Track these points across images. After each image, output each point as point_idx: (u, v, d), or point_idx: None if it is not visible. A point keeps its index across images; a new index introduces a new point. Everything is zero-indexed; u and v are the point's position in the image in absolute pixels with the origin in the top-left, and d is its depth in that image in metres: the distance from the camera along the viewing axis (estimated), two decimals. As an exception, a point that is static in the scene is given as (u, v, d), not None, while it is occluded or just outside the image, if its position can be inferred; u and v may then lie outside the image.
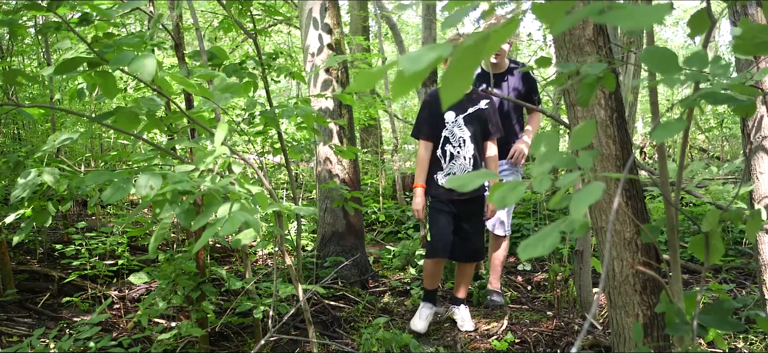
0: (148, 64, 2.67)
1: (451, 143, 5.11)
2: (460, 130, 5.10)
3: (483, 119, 5.16)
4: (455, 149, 5.11)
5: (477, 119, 5.14)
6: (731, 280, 6.27)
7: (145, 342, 4.72)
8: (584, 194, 1.41)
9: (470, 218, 5.20)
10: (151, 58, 2.69)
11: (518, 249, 1.46)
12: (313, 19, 6.57)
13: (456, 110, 5.10)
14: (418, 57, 1.02)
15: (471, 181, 1.69)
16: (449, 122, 5.11)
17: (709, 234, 2.04)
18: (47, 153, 3.42)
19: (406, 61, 1.01)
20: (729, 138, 14.05)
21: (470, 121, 5.11)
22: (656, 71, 1.71)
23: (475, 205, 5.22)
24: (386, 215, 10.21)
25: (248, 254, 4.60)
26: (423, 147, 5.21)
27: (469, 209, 5.18)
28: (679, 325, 1.97)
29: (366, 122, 12.03)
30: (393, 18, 15.78)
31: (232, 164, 3.17)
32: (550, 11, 1.19)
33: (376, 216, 10.13)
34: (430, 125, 5.17)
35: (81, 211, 8.94)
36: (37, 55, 9.07)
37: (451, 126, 5.11)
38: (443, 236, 5.10)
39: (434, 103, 5.20)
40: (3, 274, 5.81)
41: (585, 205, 1.39)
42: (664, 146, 2.10)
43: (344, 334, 5.06)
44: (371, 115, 11.63)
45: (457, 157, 5.10)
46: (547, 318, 5.38)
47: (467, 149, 5.09)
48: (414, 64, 1.01)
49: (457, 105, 5.10)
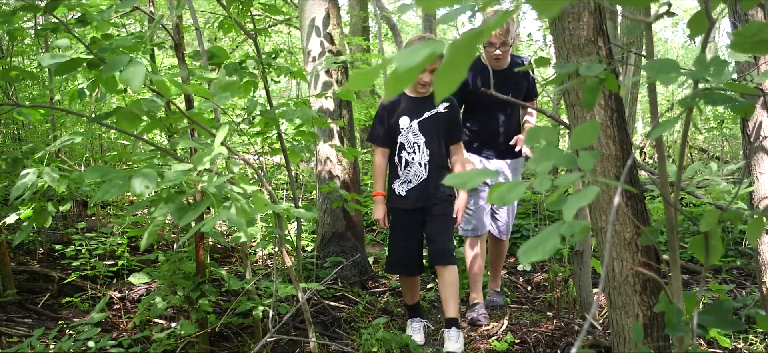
0: (137, 73, 2.67)
1: (406, 149, 4.91)
2: (414, 136, 4.88)
3: (441, 122, 4.93)
4: (410, 155, 4.90)
5: (434, 124, 4.90)
6: (731, 280, 6.27)
7: (145, 342, 4.71)
8: (578, 196, 1.42)
9: (434, 220, 4.94)
10: (141, 66, 2.69)
11: (518, 252, 1.46)
12: (316, 28, 6.57)
13: (411, 115, 4.90)
14: (412, 54, 1.02)
15: (472, 179, 1.69)
16: (404, 128, 4.90)
17: (708, 234, 2.03)
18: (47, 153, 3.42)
19: (400, 58, 1.02)
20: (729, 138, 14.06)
21: (426, 126, 4.88)
22: (659, 81, 1.71)
23: (439, 206, 4.95)
24: (386, 216, 10.20)
25: (248, 255, 4.60)
26: (378, 154, 5.05)
27: (432, 212, 4.94)
28: (678, 325, 1.97)
29: (366, 122, 12.04)
30: (393, 18, 15.78)
31: (231, 164, 3.17)
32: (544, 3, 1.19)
33: (376, 216, 10.13)
34: (384, 130, 4.98)
35: (81, 211, 8.93)
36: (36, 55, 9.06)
37: (406, 132, 4.89)
38: (400, 251, 4.99)
39: (389, 108, 4.97)
40: (3, 274, 5.81)
41: (577, 207, 1.40)
42: (664, 146, 2.10)
43: (344, 334, 5.07)
44: (372, 115, 11.64)
45: (411, 163, 4.90)
46: (547, 319, 5.38)
47: (422, 155, 4.88)
48: (407, 61, 1.01)
49: (412, 109, 4.91)
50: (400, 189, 4.94)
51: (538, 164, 1.72)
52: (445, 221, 4.95)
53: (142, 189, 2.59)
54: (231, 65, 3.96)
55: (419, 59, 1.01)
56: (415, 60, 1.01)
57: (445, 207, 4.94)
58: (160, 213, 2.79)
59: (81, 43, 2.95)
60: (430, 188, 4.90)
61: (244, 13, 4.40)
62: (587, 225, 1.56)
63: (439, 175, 4.90)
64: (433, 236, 4.93)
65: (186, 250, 4.60)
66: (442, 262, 4.88)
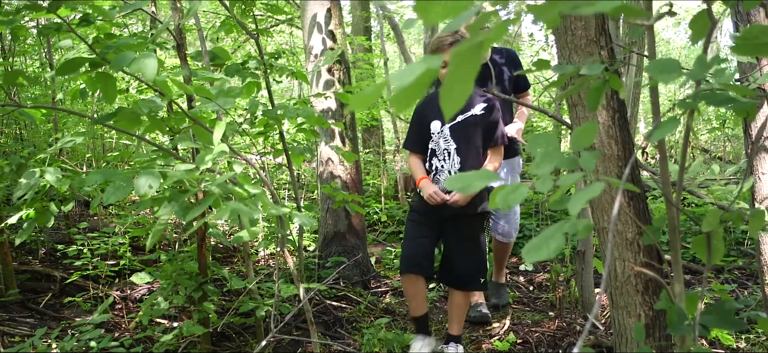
0: (150, 63, 2.68)
1: (437, 155, 4.51)
2: (445, 142, 4.48)
3: (476, 127, 4.46)
4: (440, 162, 4.50)
5: (468, 128, 4.47)
6: (733, 280, 6.27)
7: (147, 342, 4.72)
8: (583, 192, 1.42)
9: (459, 238, 4.54)
10: (153, 58, 2.70)
11: (522, 252, 1.46)
12: (318, 24, 6.58)
13: (442, 118, 4.48)
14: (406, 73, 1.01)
15: (470, 182, 1.68)
16: (435, 133, 4.51)
17: (710, 234, 2.04)
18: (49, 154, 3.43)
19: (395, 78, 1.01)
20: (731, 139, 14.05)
21: (459, 131, 4.46)
22: (661, 81, 1.71)
23: (466, 224, 4.53)
24: (388, 216, 10.20)
25: (250, 255, 4.60)
26: (411, 158, 4.68)
27: (456, 228, 4.54)
28: (680, 325, 1.97)
29: (368, 122, 12.04)
30: (395, 18, 15.78)
31: (234, 164, 3.17)
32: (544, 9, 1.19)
33: (378, 217, 10.13)
34: (417, 135, 4.62)
35: (83, 211, 8.94)
36: (39, 55, 9.09)
37: (437, 137, 4.50)
38: (413, 249, 4.51)
39: (421, 112, 4.64)
40: (5, 274, 5.82)
41: (582, 203, 1.40)
42: (665, 146, 2.10)
43: (346, 334, 5.07)
44: (373, 115, 11.64)
45: (441, 172, 4.49)
46: (549, 319, 5.38)
47: (452, 162, 4.46)
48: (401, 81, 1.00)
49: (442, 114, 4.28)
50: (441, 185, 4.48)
51: (539, 168, 1.72)
52: (471, 242, 4.55)
53: (145, 189, 2.60)
54: (233, 66, 3.96)
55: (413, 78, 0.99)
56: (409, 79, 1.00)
57: (470, 225, 4.54)
58: (164, 212, 2.80)
59: (84, 42, 2.95)
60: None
61: (247, 14, 4.40)
62: (590, 224, 1.56)
63: None
64: (451, 258, 4.57)
65: (188, 250, 4.60)
66: (458, 287, 4.58)
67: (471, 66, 1.04)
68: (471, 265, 4.54)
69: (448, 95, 1.05)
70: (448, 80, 1.04)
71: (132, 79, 5.81)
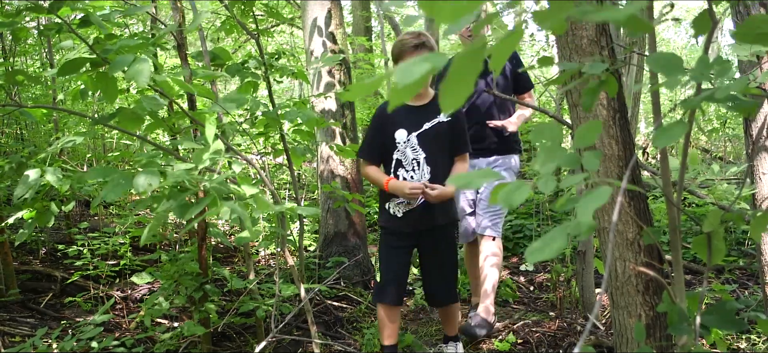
0: (144, 69, 2.68)
1: (404, 166, 4.23)
2: (413, 151, 4.20)
3: (444, 134, 4.23)
4: (408, 172, 4.22)
5: (436, 136, 4.21)
6: (734, 281, 6.27)
7: (148, 342, 4.72)
8: (592, 197, 1.41)
9: (435, 252, 4.32)
10: (147, 63, 2.70)
11: (525, 253, 1.46)
12: (318, 28, 6.58)
13: (408, 128, 4.22)
14: (411, 69, 1.01)
15: (473, 180, 1.68)
16: (401, 142, 4.22)
17: (711, 235, 2.04)
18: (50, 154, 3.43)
19: (399, 73, 1.01)
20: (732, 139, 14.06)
21: (426, 139, 4.20)
22: (661, 74, 1.71)
23: (442, 237, 4.31)
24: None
25: (250, 255, 4.60)
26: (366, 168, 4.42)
27: (433, 241, 4.30)
28: (681, 325, 1.97)
29: (369, 122, 12.03)
30: (395, 18, 15.79)
31: (233, 164, 3.17)
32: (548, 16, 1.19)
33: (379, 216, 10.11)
34: (377, 145, 4.33)
35: (84, 211, 8.94)
36: (39, 55, 9.09)
37: (403, 147, 4.22)
38: (394, 277, 4.26)
39: (383, 120, 4.34)
40: (6, 274, 5.82)
41: (592, 209, 1.39)
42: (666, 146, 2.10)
43: (346, 334, 5.07)
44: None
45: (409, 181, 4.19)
46: (550, 319, 5.38)
47: (422, 172, 4.20)
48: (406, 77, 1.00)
49: (409, 120, 4.23)
50: (397, 210, 4.26)
51: (542, 164, 1.72)
52: (445, 253, 4.34)
53: (145, 187, 2.60)
54: (233, 66, 3.96)
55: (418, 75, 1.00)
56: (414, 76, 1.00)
57: (445, 235, 4.32)
58: (162, 209, 2.80)
59: (85, 43, 2.95)
60: (429, 211, 4.21)
61: (247, 14, 4.40)
62: (593, 224, 1.56)
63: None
64: (430, 270, 4.37)
65: (189, 250, 4.61)
66: (438, 304, 4.48)
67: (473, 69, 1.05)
68: (451, 279, 4.37)
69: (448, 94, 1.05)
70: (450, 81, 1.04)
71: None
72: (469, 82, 1.04)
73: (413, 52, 4.06)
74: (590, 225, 1.53)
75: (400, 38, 4.23)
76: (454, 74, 1.04)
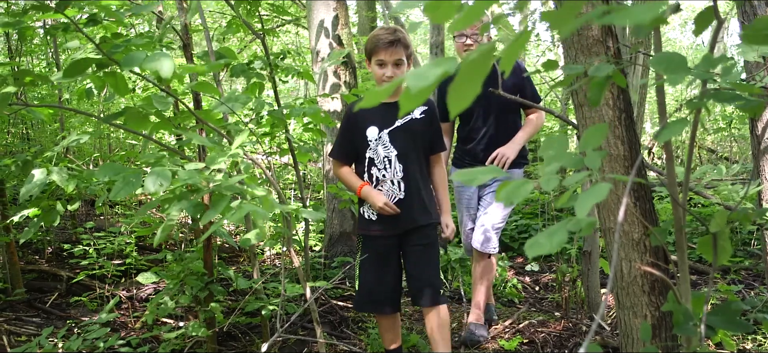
0: (166, 63, 2.67)
1: (376, 164, 4.02)
2: (385, 149, 4.00)
3: (417, 131, 4.05)
4: (380, 171, 4.02)
5: (408, 133, 4.02)
6: (740, 281, 6.26)
7: (154, 341, 4.73)
8: (589, 193, 1.42)
9: (414, 252, 4.04)
10: (168, 57, 2.70)
11: (525, 247, 1.47)
12: (325, 29, 6.59)
13: (379, 125, 4.03)
14: (424, 74, 1.00)
15: (478, 176, 1.68)
16: (372, 140, 4.02)
17: (717, 235, 2.03)
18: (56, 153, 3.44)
19: (412, 78, 1.01)
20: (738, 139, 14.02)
21: (398, 136, 4.00)
22: (666, 75, 1.71)
23: (419, 234, 4.04)
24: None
25: (256, 255, 4.60)
26: (339, 169, 4.23)
27: (413, 240, 4.05)
28: (687, 326, 1.97)
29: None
30: (401, 19, 15.78)
31: (241, 164, 3.18)
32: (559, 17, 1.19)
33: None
34: (348, 143, 4.14)
35: (89, 211, 8.96)
36: (45, 55, 9.11)
37: (375, 144, 4.02)
38: (372, 286, 4.09)
39: (354, 118, 4.12)
40: (12, 273, 5.84)
41: (590, 204, 1.39)
42: (672, 146, 2.10)
43: (352, 334, 5.07)
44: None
45: (382, 182, 4.01)
46: (555, 319, 5.38)
47: (394, 170, 3.99)
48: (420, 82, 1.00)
49: (381, 117, 4.03)
50: (371, 213, 4.05)
51: (547, 165, 1.72)
52: (428, 252, 4.07)
53: (155, 187, 2.60)
54: (239, 66, 3.97)
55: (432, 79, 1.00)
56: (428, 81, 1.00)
57: (427, 235, 4.06)
58: (173, 210, 2.80)
59: (92, 42, 2.96)
60: (407, 211, 3.99)
61: (252, 14, 4.41)
62: (594, 221, 1.56)
63: (419, 194, 4.04)
64: (414, 271, 4.05)
65: (194, 250, 4.61)
66: (425, 304, 4.03)
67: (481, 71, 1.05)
68: (433, 274, 4.06)
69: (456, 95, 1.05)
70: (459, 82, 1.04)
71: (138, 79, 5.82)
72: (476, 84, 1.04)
73: (388, 48, 3.92)
74: (590, 222, 1.53)
75: (375, 33, 4.06)
76: (462, 76, 1.04)
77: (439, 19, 1.14)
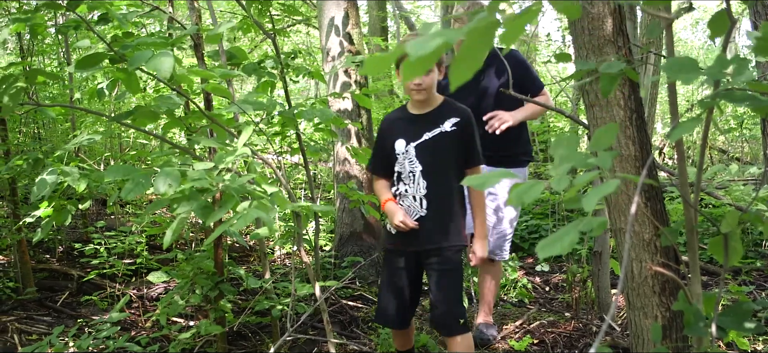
0: (165, 62, 2.68)
1: (403, 179, 3.85)
2: (410, 163, 3.81)
3: (446, 146, 3.79)
4: (405, 186, 3.84)
5: (436, 147, 3.79)
6: (751, 282, 6.24)
7: (164, 340, 4.74)
8: (597, 189, 1.41)
9: (435, 276, 3.82)
10: (169, 56, 2.71)
11: (536, 248, 1.46)
12: (335, 27, 6.59)
13: (407, 137, 3.83)
14: (425, 42, 0.99)
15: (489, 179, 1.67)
16: (400, 154, 3.84)
17: (728, 236, 2.03)
18: (67, 152, 3.45)
19: (413, 45, 1.00)
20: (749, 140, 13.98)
21: (424, 150, 3.79)
22: (678, 80, 1.71)
23: (442, 258, 3.81)
24: (404, 216, 10.19)
25: (266, 254, 4.61)
26: (374, 183, 4.07)
27: (432, 263, 3.83)
28: (698, 326, 1.96)
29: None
30: (411, 18, 15.78)
31: (251, 164, 3.18)
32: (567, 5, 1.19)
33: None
34: (381, 155, 3.98)
35: (100, 210, 8.99)
36: (57, 54, 9.13)
37: (402, 158, 3.83)
38: (389, 300, 3.91)
39: (385, 131, 3.98)
40: (23, 272, 5.86)
41: (597, 200, 1.39)
42: (683, 147, 2.10)
43: (362, 334, 5.07)
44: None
45: (404, 197, 3.84)
46: (566, 319, 5.37)
47: (417, 186, 3.80)
48: (420, 49, 0.99)
49: (408, 130, 3.85)
50: (391, 227, 3.89)
51: (557, 166, 1.72)
52: (446, 278, 3.82)
53: (165, 188, 2.61)
54: (250, 65, 3.97)
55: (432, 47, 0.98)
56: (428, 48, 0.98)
57: (447, 259, 3.81)
58: (183, 210, 2.81)
59: (103, 40, 2.97)
60: (427, 230, 3.79)
61: (263, 13, 4.41)
62: (604, 221, 1.56)
63: (444, 213, 3.82)
64: (433, 297, 3.85)
65: (204, 249, 4.62)
66: (444, 334, 3.95)
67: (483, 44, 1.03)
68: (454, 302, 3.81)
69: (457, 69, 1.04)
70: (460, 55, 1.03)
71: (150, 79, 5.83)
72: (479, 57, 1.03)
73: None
74: (601, 221, 1.52)
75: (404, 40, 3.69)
76: (465, 48, 1.03)
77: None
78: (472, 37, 1.03)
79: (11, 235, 5.77)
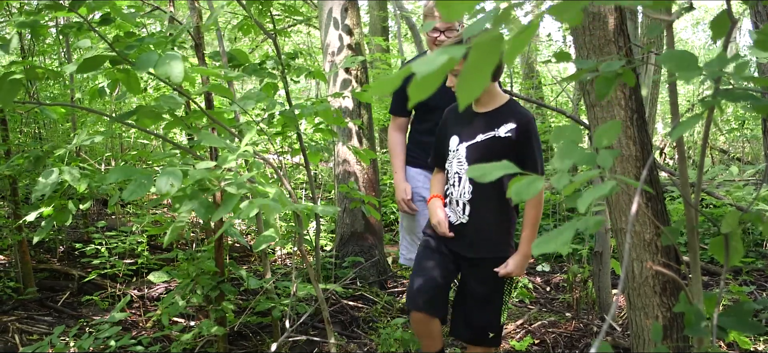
0: (176, 66, 2.67)
1: (450, 180, 3.67)
2: (459, 163, 3.60)
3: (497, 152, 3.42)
4: (451, 187, 3.66)
5: (487, 152, 3.49)
6: (752, 282, 6.24)
7: (165, 341, 4.74)
8: (594, 189, 1.41)
9: (477, 284, 3.65)
10: (178, 59, 2.70)
11: (532, 245, 1.47)
12: (334, 20, 6.58)
13: (461, 135, 3.62)
14: (431, 61, 0.98)
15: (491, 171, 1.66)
16: (452, 151, 3.65)
17: (729, 236, 2.03)
18: (68, 152, 3.45)
19: (419, 65, 0.99)
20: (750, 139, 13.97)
21: (475, 153, 3.54)
22: (675, 73, 1.71)
23: (480, 279, 3.64)
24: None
25: (267, 254, 4.61)
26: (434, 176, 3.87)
27: (468, 277, 3.69)
28: (698, 326, 1.96)
29: (386, 122, 12.02)
30: (412, 18, 15.76)
31: (253, 164, 3.18)
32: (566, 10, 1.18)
33: (395, 216, 10.11)
34: (438, 150, 3.81)
35: (101, 210, 8.99)
36: (58, 55, 9.13)
37: (452, 157, 3.64)
38: (424, 281, 3.62)
39: (445, 120, 3.80)
40: (23, 272, 5.86)
41: (591, 200, 1.39)
42: (684, 146, 2.10)
43: (363, 334, 5.07)
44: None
45: (450, 197, 3.67)
46: (566, 319, 5.37)
47: (462, 190, 3.59)
48: (426, 68, 0.98)
49: (464, 127, 3.62)
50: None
51: (559, 162, 1.72)
52: (486, 294, 3.65)
53: (167, 187, 2.61)
54: (251, 66, 3.97)
55: (438, 66, 0.96)
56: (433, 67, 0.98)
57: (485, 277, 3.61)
58: (184, 210, 2.81)
59: (105, 41, 2.97)
60: (469, 237, 3.61)
61: (264, 14, 4.41)
62: (601, 220, 1.56)
63: (487, 223, 3.60)
64: (471, 303, 3.68)
65: (205, 249, 4.63)
66: (473, 342, 3.77)
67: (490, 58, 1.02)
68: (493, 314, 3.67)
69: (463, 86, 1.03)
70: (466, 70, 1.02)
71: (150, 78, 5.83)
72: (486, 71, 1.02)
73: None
74: (597, 220, 1.53)
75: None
76: (472, 63, 1.02)
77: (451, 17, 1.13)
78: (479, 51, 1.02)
79: (12, 235, 5.77)
